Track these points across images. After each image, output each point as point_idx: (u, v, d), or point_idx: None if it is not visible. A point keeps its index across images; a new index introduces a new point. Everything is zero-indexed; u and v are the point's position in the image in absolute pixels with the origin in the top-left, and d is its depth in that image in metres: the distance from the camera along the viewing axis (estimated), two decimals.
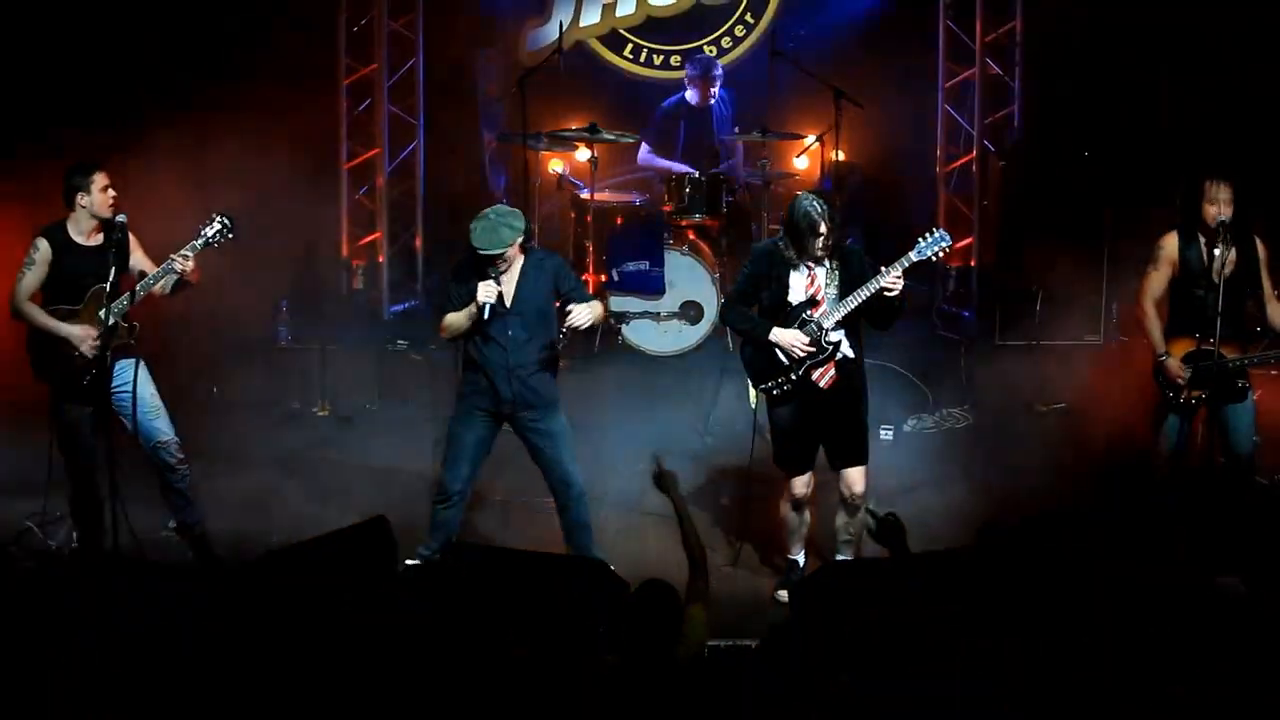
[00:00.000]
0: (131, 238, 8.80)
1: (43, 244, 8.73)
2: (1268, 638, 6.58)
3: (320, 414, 11.78)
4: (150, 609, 6.64)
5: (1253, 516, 8.28)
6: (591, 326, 8.84)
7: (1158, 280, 8.94)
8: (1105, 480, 10.09)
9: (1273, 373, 10.67)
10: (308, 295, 12.30)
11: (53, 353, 8.74)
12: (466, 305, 8.58)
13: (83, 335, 8.63)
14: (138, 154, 10.74)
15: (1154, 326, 8.93)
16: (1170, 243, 8.89)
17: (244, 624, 6.78)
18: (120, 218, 8.56)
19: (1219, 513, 8.26)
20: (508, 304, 8.59)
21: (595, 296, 9.79)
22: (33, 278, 8.74)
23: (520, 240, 8.53)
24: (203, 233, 8.69)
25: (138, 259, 8.81)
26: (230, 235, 8.75)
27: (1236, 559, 7.61)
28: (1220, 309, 8.58)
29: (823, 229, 8.23)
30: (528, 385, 8.65)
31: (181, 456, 8.98)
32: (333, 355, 12.06)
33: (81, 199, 8.68)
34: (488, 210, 8.60)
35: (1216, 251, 8.67)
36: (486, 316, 8.51)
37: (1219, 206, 8.68)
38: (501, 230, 8.44)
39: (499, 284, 8.54)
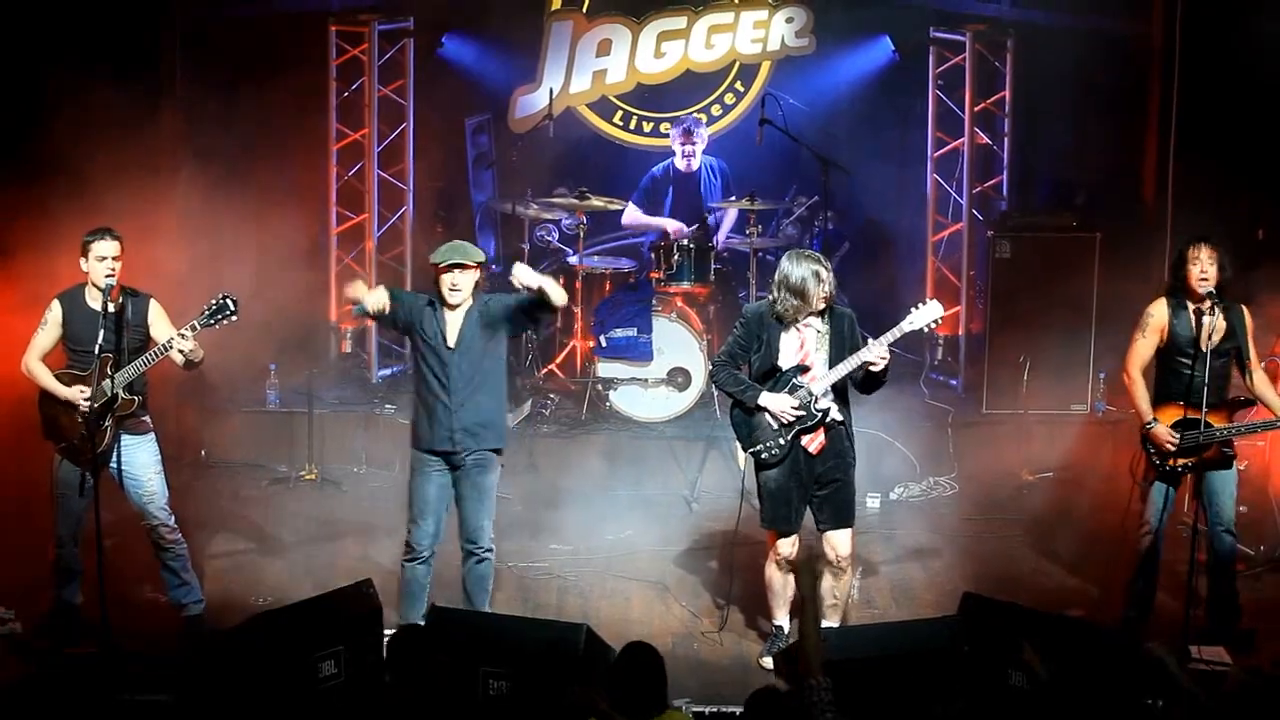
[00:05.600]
0: (156, 308, 8.78)
1: (55, 306, 8.73)
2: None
3: (308, 477, 11.74)
4: None
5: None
6: (551, 304, 8.57)
7: (1145, 348, 8.85)
8: (1091, 550, 10.09)
9: (1259, 442, 10.66)
10: (296, 359, 12.27)
11: (55, 413, 8.74)
12: (403, 323, 8.71)
13: (76, 399, 8.60)
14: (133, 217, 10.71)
15: (1141, 394, 8.85)
16: (1160, 310, 8.81)
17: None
18: (110, 282, 8.46)
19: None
20: (451, 343, 8.63)
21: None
22: (43, 338, 8.73)
23: (477, 278, 8.64)
24: (205, 312, 8.56)
25: (161, 330, 8.72)
26: (234, 318, 8.59)
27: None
28: (1207, 378, 8.54)
29: (824, 276, 8.25)
30: (468, 426, 8.65)
31: (174, 538, 8.90)
32: (320, 419, 12.04)
33: (83, 264, 8.62)
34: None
35: (1205, 320, 8.64)
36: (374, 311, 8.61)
37: (1201, 266, 8.62)
38: (469, 248, 8.64)
39: (449, 308, 8.59)
